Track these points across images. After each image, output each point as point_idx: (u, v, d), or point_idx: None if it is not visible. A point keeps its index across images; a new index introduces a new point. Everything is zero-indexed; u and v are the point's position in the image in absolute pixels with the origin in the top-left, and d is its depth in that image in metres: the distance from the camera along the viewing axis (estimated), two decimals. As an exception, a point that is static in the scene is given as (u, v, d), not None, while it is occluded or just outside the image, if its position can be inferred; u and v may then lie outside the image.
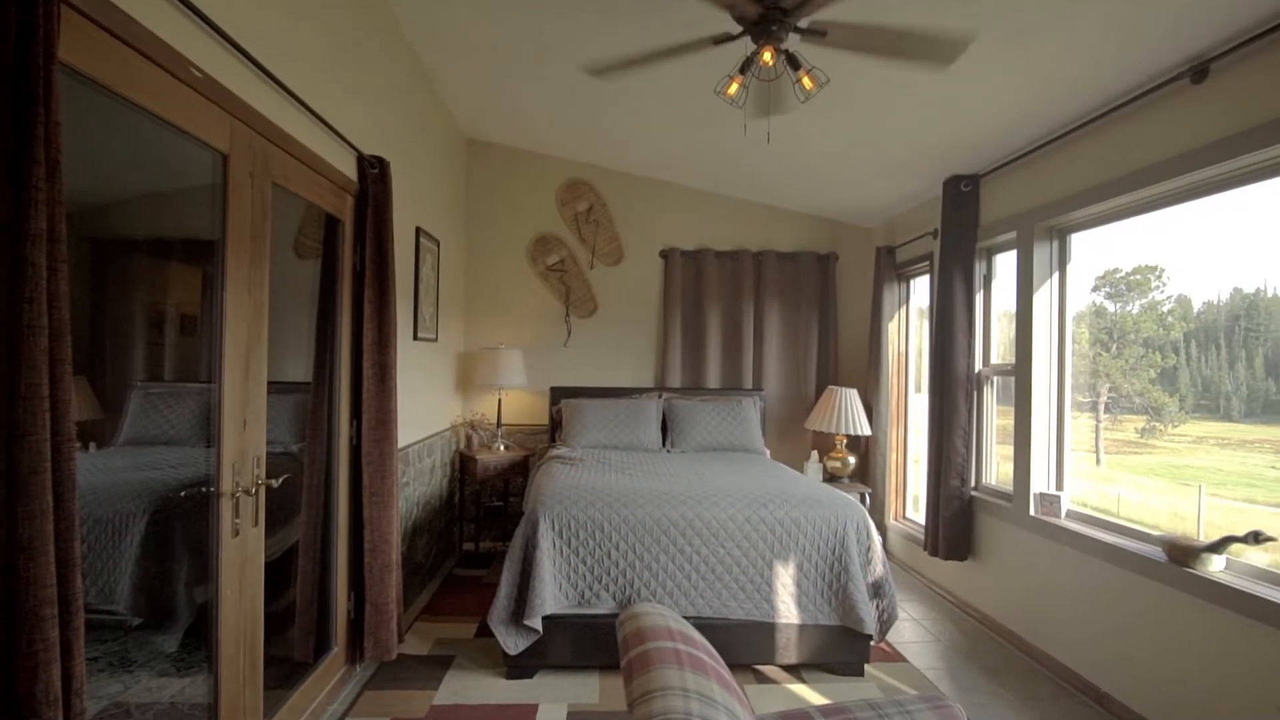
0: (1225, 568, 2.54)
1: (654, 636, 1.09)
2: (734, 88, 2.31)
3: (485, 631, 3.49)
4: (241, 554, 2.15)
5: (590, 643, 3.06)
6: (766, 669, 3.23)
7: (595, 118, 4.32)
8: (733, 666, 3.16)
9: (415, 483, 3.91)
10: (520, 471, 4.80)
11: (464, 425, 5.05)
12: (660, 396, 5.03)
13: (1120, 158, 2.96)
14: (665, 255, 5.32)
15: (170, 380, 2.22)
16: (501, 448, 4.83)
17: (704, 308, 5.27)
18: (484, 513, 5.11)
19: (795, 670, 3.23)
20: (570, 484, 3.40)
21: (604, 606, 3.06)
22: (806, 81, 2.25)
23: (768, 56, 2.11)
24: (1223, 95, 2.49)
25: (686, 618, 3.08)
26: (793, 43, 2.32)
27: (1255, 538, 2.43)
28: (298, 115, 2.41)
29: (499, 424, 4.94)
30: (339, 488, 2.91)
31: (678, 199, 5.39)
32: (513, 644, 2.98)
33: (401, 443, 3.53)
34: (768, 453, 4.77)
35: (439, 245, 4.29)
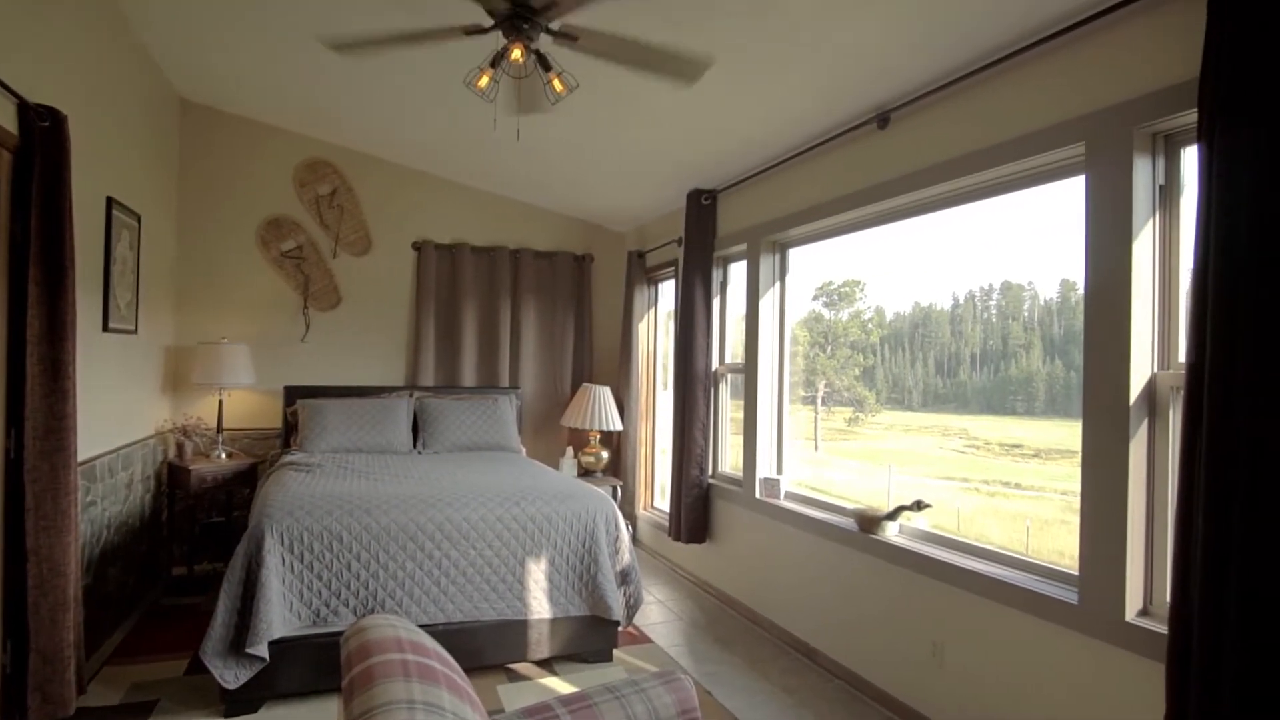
0: (899, 532, 3.05)
1: (380, 650, 1.03)
2: (484, 81, 2.27)
3: (200, 667, 3.05)
4: None
5: (329, 664, 2.82)
6: (520, 666, 3.23)
7: (340, 95, 3.99)
8: (486, 668, 3.13)
9: (105, 501, 3.29)
10: (247, 481, 4.28)
11: (174, 431, 4.37)
12: (412, 395, 4.79)
13: (827, 185, 3.42)
14: (418, 247, 5.09)
15: None
16: (223, 455, 4.26)
17: (460, 304, 5.13)
18: (201, 530, 4.46)
19: (548, 664, 3.27)
20: (305, 492, 3.10)
21: (344, 623, 2.84)
22: (557, 84, 2.29)
23: (517, 54, 2.11)
24: (901, 140, 2.99)
25: (437, 624, 2.97)
26: (545, 44, 2.34)
27: (918, 505, 2.97)
28: (-77, 43, 1.90)
29: (220, 429, 4.35)
30: (-11, 513, 2.35)
31: (433, 189, 5.18)
32: (232, 676, 2.64)
33: (86, 454, 2.94)
34: (524, 451, 4.79)
35: (140, 221, 3.66)
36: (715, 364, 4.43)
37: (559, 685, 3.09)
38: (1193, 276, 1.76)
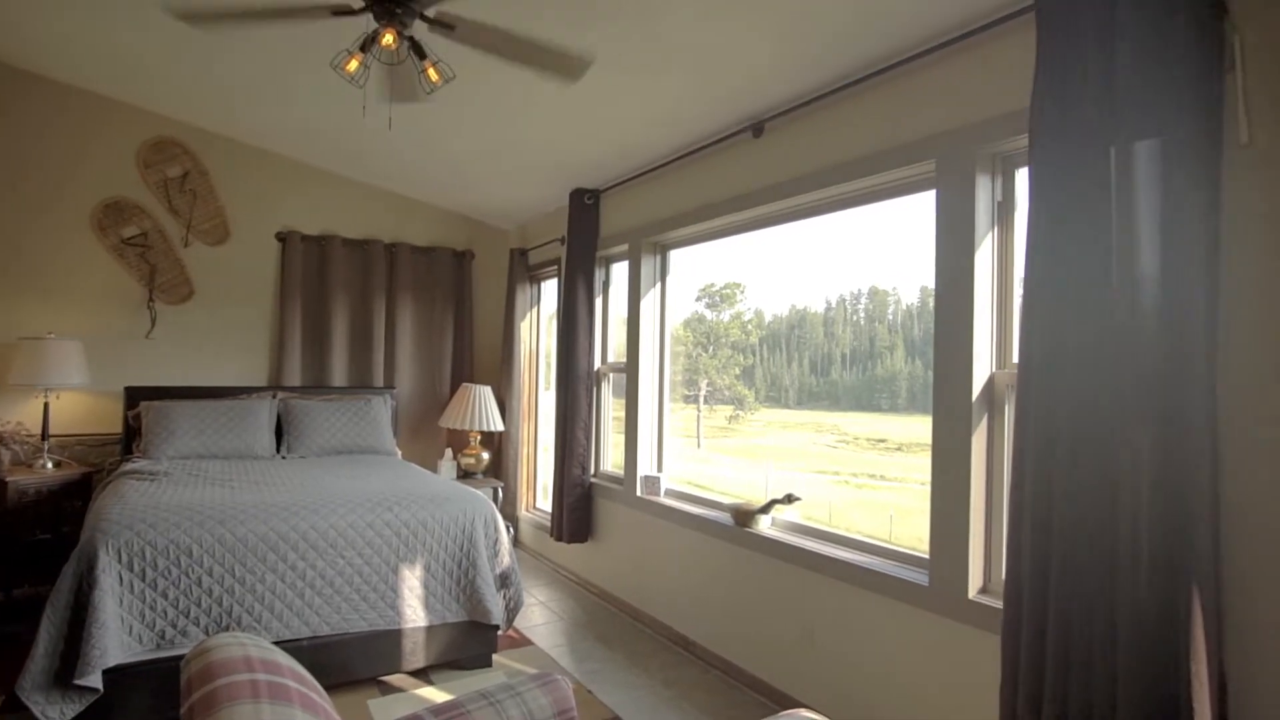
0: (771, 525, 3.19)
1: (226, 671, 0.95)
2: (354, 65, 2.15)
3: (18, 705, 2.70)
4: None
5: (175, 691, 2.58)
6: (393, 678, 3.10)
7: (193, 69, 3.67)
8: (357, 682, 2.98)
9: (-104, 520, 2.86)
10: (79, 493, 3.85)
11: (-12, 438, 3.87)
12: (275, 396, 4.49)
13: (706, 190, 3.51)
14: (283, 238, 4.77)
15: None
16: (49, 465, 3.82)
17: (330, 299, 4.86)
18: (24, 550, 3.96)
19: (424, 673, 3.16)
20: (148, 503, 2.82)
21: (193, 644, 2.61)
22: (432, 74, 2.21)
23: (389, 39, 2.02)
24: (775, 149, 3.11)
25: (301, 639, 2.80)
26: (421, 30, 2.25)
27: (789, 498, 3.11)
28: None
29: (45, 435, 3.89)
30: None
31: (300, 177, 4.87)
32: (56, 713, 2.37)
33: None
34: (399, 453, 4.60)
35: (-57, 199, 3.21)
36: (598, 363, 4.44)
37: (435, 695, 2.99)
38: (1023, 285, 1.95)
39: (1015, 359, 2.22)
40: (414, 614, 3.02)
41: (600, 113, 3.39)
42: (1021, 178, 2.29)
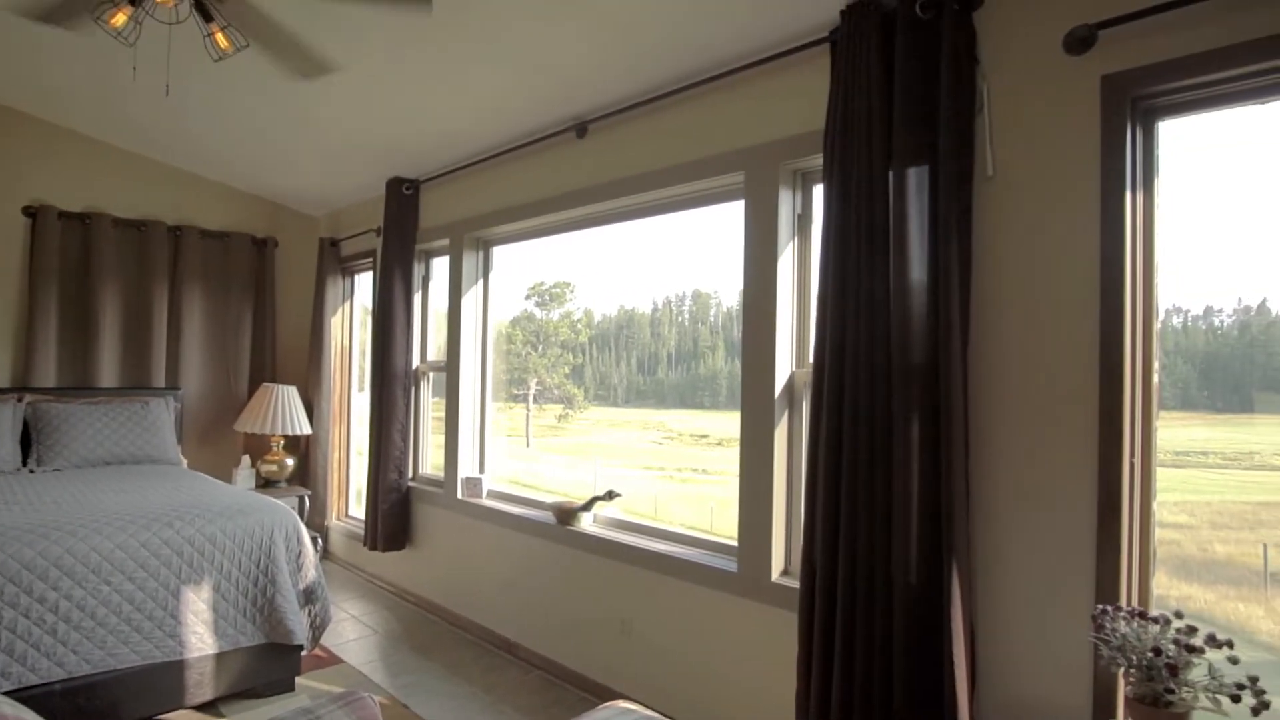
0: (593, 522, 3.22)
1: (-71, 732, 0.78)
2: (120, 19, 1.88)
3: None
4: None
5: None
6: (175, 715, 2.75)
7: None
8: (127, 725, 2.62)
9: None
10: None
11: None
12: (21, 400, 3.82)
13: (530, 187, 3.47)
14: (34, 214, 4.07)
15: None
16: None
17: (97, 287, 4.22)
18: None
19: (213, 706, 2.84)
20: None
21: (-101, 700, 2.15)
22: (221, 40, 1.99)
23: (166, -6, 1.78)
24: (598, 150, 3.14)
25: (53, 682, 2.41)
26: None
27: (609, 495, 3.16)
28: None
29: None
30: None
31: (58, 143, 4.18)
32: None
33: None
34: (184, 462, 4.11)
35: None
36: (416, 362, 4.25)
37: (225, 728, 2.71)
38: (818, 292, 2.13)
39: (811, 358, 2.42)
40: (200, 641, 2.71)
41: (420, 99, 3.24)
42: (818, 193, 2.50)
